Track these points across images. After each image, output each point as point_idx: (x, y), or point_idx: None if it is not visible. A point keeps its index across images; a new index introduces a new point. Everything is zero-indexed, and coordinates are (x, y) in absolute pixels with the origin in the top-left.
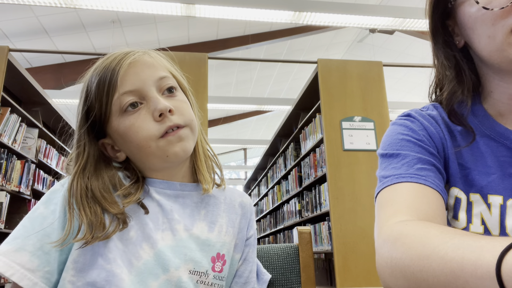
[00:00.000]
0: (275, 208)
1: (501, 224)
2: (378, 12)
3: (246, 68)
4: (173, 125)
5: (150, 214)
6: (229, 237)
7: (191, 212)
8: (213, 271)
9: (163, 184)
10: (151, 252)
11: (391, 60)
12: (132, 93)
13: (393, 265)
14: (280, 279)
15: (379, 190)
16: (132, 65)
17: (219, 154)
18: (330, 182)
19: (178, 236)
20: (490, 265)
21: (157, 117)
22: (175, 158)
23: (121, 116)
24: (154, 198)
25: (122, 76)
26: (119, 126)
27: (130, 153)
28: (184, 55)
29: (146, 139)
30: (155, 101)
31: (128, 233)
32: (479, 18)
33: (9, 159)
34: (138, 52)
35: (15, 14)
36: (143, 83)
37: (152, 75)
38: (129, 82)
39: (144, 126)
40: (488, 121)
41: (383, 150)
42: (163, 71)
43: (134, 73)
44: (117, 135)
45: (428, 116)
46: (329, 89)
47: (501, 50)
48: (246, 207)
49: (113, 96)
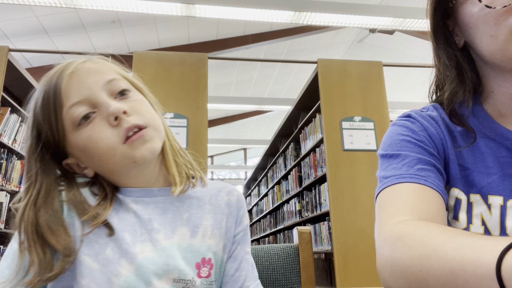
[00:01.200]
0: (275, 208)
1: (501, 224)
2: (378, 12)
3: (246, 68)
4: (132, 126)
5: (127, 227)
6: (214, 240)
7: (172, 218)
8: (199, 277)
9: (140, 192)
10: (131, 268)
11: (391, 60)
12: (81, 104)
13: (394, 265)
14: (280, 279)
15: (380, 191)
16: (74, 75)
17: (219, 154)
18: (330, 182)
19: (159, 246)
20: (490, 265)
21: (113, 122)
22: (143, 161)
23: (76, 130)
24: (131, 209)
25: (65, 89)
26: (77, 141)
27: (97, 167)
28: (184, 55)
29: (108, 149)
30: (106, 106)
31: (103, 252)
32: (481, 17)
33: (9, 159)
34: (79, 60)
35: (15, 14)
36: (90, 90)
37: (98, 80)
38: (74, 93)
39: (102, 135)
40: (488, 121)
41: (383, 151)
42: (111, 74)
43: (78, 82)
44: (78, 152)
45: (428, 117)
46: (329, 89)
47: (504, 49)
48: (233, 206)
49: (61, 112)
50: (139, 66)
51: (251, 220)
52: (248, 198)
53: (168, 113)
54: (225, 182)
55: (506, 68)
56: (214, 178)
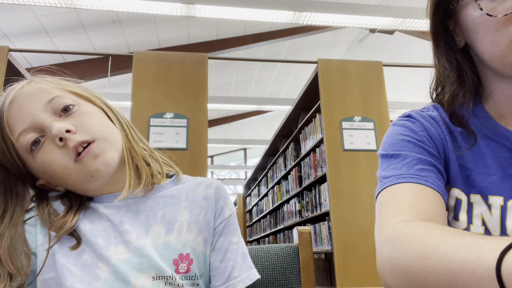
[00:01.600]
0: (275, 208)
1: (501, 225)
2: (378, 12)
3: (246, 68)
4: (77, 143)
5: (100, 232)
6: (192, 235)
7: (145, 218)
8: (178, 273)
9: (110, 197)
10: (108, 269)
11: (391, 60)
12: (27, 131)
13: (394, 265)
14: (280, 279)
15: (380, 191)
16: (14, 103)
17: (219, 154)
18: (330, 182)
19: (131, 247)
20: (490, 265)
21: (59, 143)
22: (100, 175)
23: (32, 156)
24: (103, 215)
25: (8, 120)
26: (36, 166)
27: (63, 184)
28: (184, 55)
29: (63, 169)
30: (49, 128)
31: (81, 258)
32: (482, 23)
33: None
34: (18, 86)
35: (15, 14)
36: (31, 115)
37: (37, 102)
38: (18, 122)
39: (53, 158)
40: (488, 122)
41: (384, 151)
42: (52, 93)
43: (18, 110)
44: (41, 174)
45: (428, 117)
46: (329, 89)
47: (504, 56)
48: (210, 198)
49: (12, 143)
50: (139, 66)
51: (251, 220)
52: (248, 198)
53: (168, 113)
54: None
55: (505, 73)
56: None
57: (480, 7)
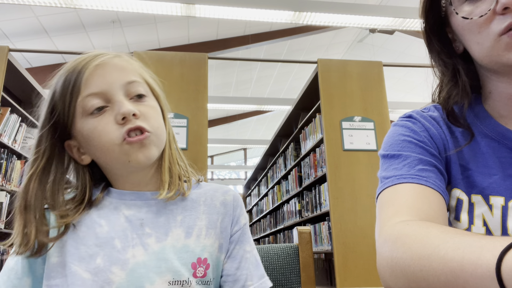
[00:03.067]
0: (275, 208)
1: (502, 225)
2: (378, 12)
3: (246, 68)
4: (135, 127)
5: (118, 232)
6: (210, 240)
7: (166, 220)
8: (195, 277)
9: (133, 195)
10: (122, 274)
11: (391, 60)
12: (97, 96)
13: (394, 265)
14: (280, 279)
15: (380, 191)
16: (100, 67)
17: (219, 154)
18: (330, 182)
19: (150, 250)
20: (490, 265)
21: (120, 121)
22: (137, 164)
23: (85, 118)
24: (122, 215)
25: (87, 78)
26: (83, 128)
27: (94, 156)
28: (184, 55)
29: (108, 143)
30: (119, 105)
31: (94, 262)
32: (465, 26)
33: (9, 159)
34: (108, 54)
35: (15, 14)
36: (109, 86)
37: (120, 78)
38: (94, 84)
39: (106, 130)
40: (489, 121)
41: (385, 151)
42: (134, 76)
43: (101, 75)
44: (81, 138)
45: (429, 117)
46: (329, 89)
47: (490, 55)
48: (228, 205)
49: (77, 97)
50: None
51: (251, 220)
52: (248, 198)
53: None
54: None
55: (497, 71)
56: (214, 178)
57: (455, 11)
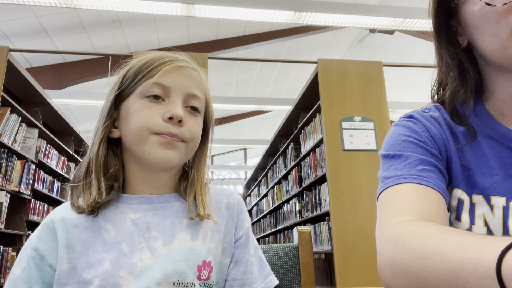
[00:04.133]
0: (275, 208)
1: (504, 225)
2: (378, 12)
3: (246, 68)
4: (173, 134)
5: (125, 236)
6: (214, 243)
7: (171, 223)
8: (199, 279)
9: (139, 199)
10: (130, 278)
11: (391, 60)
12: (162, 88)
13: (394, 265)
14: (280, 279)
15: (381, 191)
16: (179, 69)
17: (219, 154)
18: (330, 182)
19: (157, 253)
20: (491, 264)
21: (166, 118)
22: (154, 160)
23: (139, 99)
24: (128, 219)
25: (165, 71)
26: (132, 106)
27: (124, 135)
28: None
29: (144, 127)
30: (174, 105)
31: (102, 266)
32: (482, 15)
33: (9, 159)
34: (190, 63)
35: (15, 14)
36: (177, 87)
37: (188, 87)
38: (167, 78)
39: (151, 116)
40: (490, 122)
41: (385, 151)
42: (199, 92)
43: (176, 75)
44: (125, 113)
45: (430, 117)
46: (329, 89)
47: (505, 48)
48: (232, 208)
49: (147, 79)
50: None
51: (251, 220)
52: (248, 198)
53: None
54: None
55: (507, 67)
56: (214, 178)
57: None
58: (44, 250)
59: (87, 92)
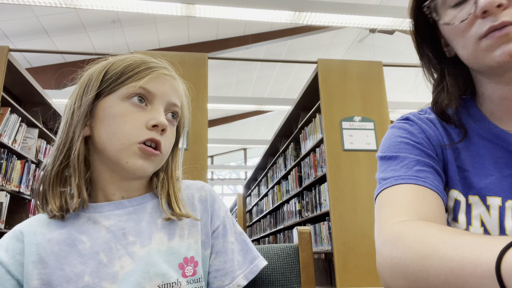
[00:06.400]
0: (275, 208)
1: (500, 225)
2: (378, 12)
3: (246, 68)
4: (155, 140)
5: (102, 245)
6: (193, 238)
7: (147, 225)
8: (184, 277)
9: (110, 205)
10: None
11: (391, 60)
12: (147, 92)
13: (393, 265)
14: (280, 279)
15: (379, 192)
16: (163, 76)
17: (219, 154)
18: (330, 182)
19: (136, 257)
20: (490, 264)
21: (150, 126)
22: (131, 168)
23: (122, 101)
24: (102, 227)
25: (151, 77)
26: (112, 107)
27: (98, 136)
28: (184, 55)
29: (127, 135)
30: (158, 113)
31: (82, 280)
32: (451, 31)
33: (9, 159)
34: (172, 72)
35: (15, 14)
36: (161, 94)
37: (170, 95)
38: (152, 84)
39: (134, 123)
40: (483, 122)
41: (382, 153)
42: (178, 100)
43: (161, 82)
44: (102, 113)
45: (426, 119)
46: (329, 89)
47: (474, 57)
48: (205, 201)
49: (132, 81)
50: None
51: (251, 220)
52: (248, 198)
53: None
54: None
55: (484, 73)
56: (214, 178)
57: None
58: (10, 264)
59: None
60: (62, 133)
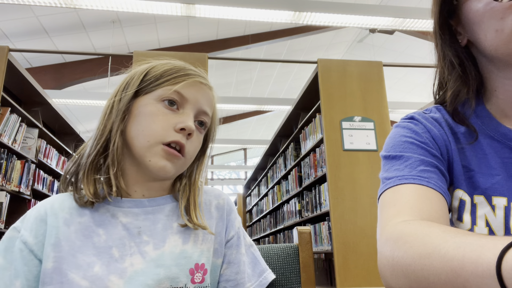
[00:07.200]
0: (275, 208)
1: (505, 225)
2: (378, 12)
3: (246, 68)
4: (180, 144)
5: (115, 241)
6: (206, 245)
7: (163, 227)
8: (193, 283)
9: (130, 202)
10: (120, 283)
11: (391, 60)
12: (181, 97)
13: (395, 264)
14: (280, 279)
15: (382, 191)
16: (199, 85)
17: (219, 154)
18: (330, 182)
19: (148, 257)
20: (491, 264)
21: (177, 129)
22: (153, 168)
23: (156, 102)
24: (119, 223)
25: (188, 83)
26: (146, 106)
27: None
28: (184, 55)
29: (154, 133)
30: (187, 118)
31: (92, 269)
32: (487, 12)
33: (9, 159)
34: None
35: (15, 14)
36: (194, 100)
37: (202, 103)
38: (187, 90)
39: (162, 124)
40: (491, 122)
41: (386, 152)
42: (209, 109)
43: (196, 90)
44: (136, 111)
45: (431, 118)
46: (329, 89)
47: (509, 43)
48: (222, 209)
49: (169, 84)
50: None
51: (251, 220)
52: (248, 198)
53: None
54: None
55: (510, 62)
56: (214, 178)
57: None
58: (34, 244)
59: (87, 92)
60: (100, 124)
